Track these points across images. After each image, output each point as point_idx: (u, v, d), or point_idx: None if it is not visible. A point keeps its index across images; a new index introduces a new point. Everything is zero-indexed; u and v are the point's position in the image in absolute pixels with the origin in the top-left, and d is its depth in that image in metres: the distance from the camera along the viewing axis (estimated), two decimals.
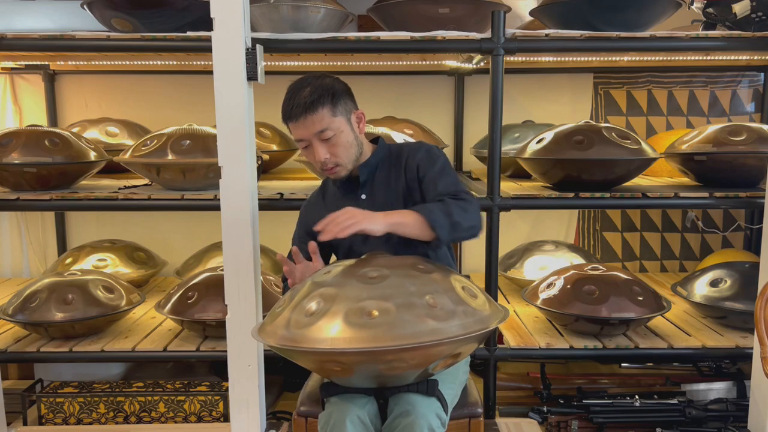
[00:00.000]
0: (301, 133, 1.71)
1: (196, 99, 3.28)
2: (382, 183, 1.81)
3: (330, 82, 1.73)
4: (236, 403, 2.22)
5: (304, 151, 1.77)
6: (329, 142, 1.71)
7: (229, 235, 2.14)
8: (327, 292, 1.47)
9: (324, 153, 1.72)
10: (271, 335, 1.47)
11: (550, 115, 3.34)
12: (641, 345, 2.43)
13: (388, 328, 1.36)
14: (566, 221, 3.48)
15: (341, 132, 1.72)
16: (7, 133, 2.52)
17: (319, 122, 1.68)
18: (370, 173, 1.82)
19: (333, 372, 1.48)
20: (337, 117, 1.71)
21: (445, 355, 1.43)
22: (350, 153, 1.75)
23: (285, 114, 1.73)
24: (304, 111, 1.68)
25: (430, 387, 1.52)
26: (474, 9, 2.50)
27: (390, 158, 1.84)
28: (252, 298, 2.16)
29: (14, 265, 3.50)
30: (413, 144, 1.86)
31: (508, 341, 2.48)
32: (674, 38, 2.37)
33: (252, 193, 2.15)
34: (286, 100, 1.72)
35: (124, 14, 2.39)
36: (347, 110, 1.74)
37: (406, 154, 1.81)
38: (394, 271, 1.50)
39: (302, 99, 1.68)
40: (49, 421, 2.49)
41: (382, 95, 3.40)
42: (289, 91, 1.73)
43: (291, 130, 1.75)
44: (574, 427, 2.47)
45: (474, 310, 1.47)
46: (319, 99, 1.68)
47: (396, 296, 1.42)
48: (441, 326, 1.38)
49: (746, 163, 2.49)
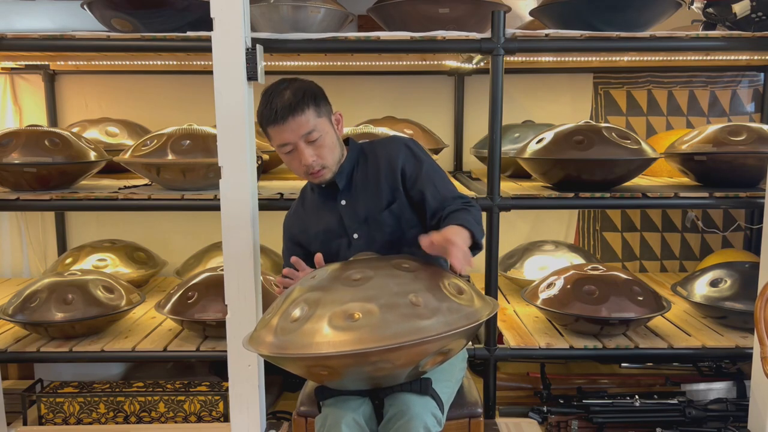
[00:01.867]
0: (287, 137, 1.65)
1: (196, 99, 3.28)
2: (360, 187, 1.77)
3: (308, 84, 1.69)
4: (236, 403, 2.23)
5: (287, 157, 1.70)
6: (315, 144, 1.67)
7: (229, 235, 2.15)
8: (311, 297, 1.46)
9: (311, 155, 1.67)
10: (260, 343, 1.46)
11: (550, 115, 3.34)
12: (641, 345, 2.43)
13: (372, 329, 1.35)
14: (566, 221, 3.48)
15: (326, 133, 1.69)
16: (7, 133, 2.52)
17: (305, 124, 1.64)
18: (347, 178, 1.77)
19: (322, 376, 1.47)
20: (321, 118, 1.68)
21: (432, 353, 1.42)
22: (335, 154, 1.72)
23: (266, 119, 1.66)
24: (290, 113, 1.63)
25: (423, 386, 1.51)
26: (474, 9, 2.50)
27: (364, 158, 1.79)
28: (252, 298, 2.16)
29: (14, 265, 3.50)
30: (387, 141, 1.81)
31: (508, 341, 2.48)
32: (674, 38, 2.37)
33: (252, 193, 2.16)
34: (265, 105, 1.66)
35: (124, 14, 2.39)
36: (328, 111, 1.72)
37: (383, 152, 1.76)
38: (378, 271, 1.50)
39: (285, 101, 1.63)
40: (49, 421, 2.49)
41: (382, 95, 3.40)
42: (266, 96, 1.67)
43: (271, 136, 1.69)
44: (574, 427, 2.47)
45: (459, 306, 1.46)
46: (304, 100, 1.64)
47: (379, 297, 1.41)
48: (424, 324, 1.37)
49: (746, 163, 2.49)
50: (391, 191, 1.73)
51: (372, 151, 1.79)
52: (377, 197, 1.74)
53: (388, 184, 1.73)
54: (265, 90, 1.69)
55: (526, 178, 2.89)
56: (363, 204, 1.75)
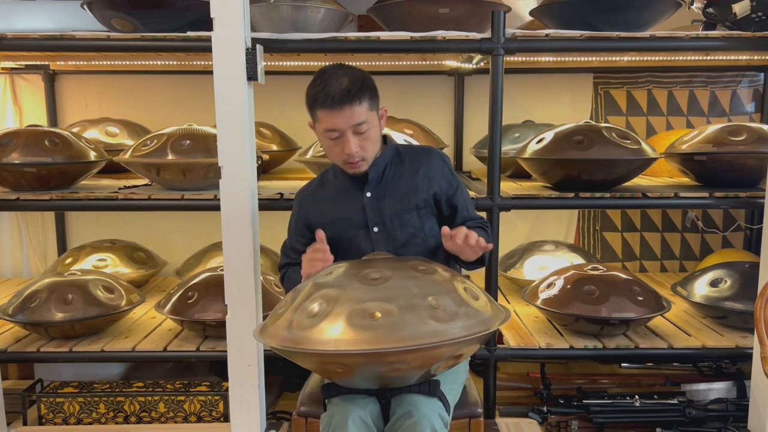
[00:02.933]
0: (337, 123, 1.63)
1: (196, 99, 3.28)
2: (391, 184, 1.79)
3: (365, 75, 1.69)
4: (236, 403, 2.23)
5: (330, 142, 1.68)
6: (362, 136, 1.67)
7: (229, 235, 2.15)
8: (329, 294, 1.46)
9: (356, 146, 1.67)
10: (273, 336, 1.47)
11: (550, 115, 3.34)
12: (641, 345, 2.43)
13: (391, 329, 1.36)
14: (566, 221, 3.47)
15: (374, 126, 1.70)
16: (7, 133, 2.52)
17: (359, 114, 1.64)
18: (379, 172, 1.79)
19: (335, 373, 1.48)
20: (372, 111, 1.69)
21: (447, 357, 1.43)
22: (376, 148, 1.74)
23: (319, 101, 1.63)
24: (347, 101, 1.61)
25: (432, 388, 1.52)
26: (474, 9, 2.50)
27: (399, 159, 1.82)
28: (252, 298, 2.16)
29: (14, 265, 3.50)
30: (426, 150, 1.85)
31: (508, 341, 2.48)
32: (674, 38, 2.37)
33: (252, 193, 2.16)
34: (320, 87, 1.63)
35: (124, 14, 2.39)
36: (378, 105, 1.73)
37: (423, 160, 1.80)
38: (396, 272, 1.51)
39: (343, 88, 1.61)
40: (49, 421, 2.49)
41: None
42: (322, 77, 1.64)
43: (320, 119, 1.66)
44: (574, 427, 2.47)
45: (476, 311, 1.46)
46: (362, 90, 1.64)
47: (398, 298, 1.42)
48: (443, 328, 1.38)
49: (746, 163, 2.49)
50: (423, 197, 1.78)
51: (409, 154, 1.83)
52: (408, 198, 1.77)
53: (422, 189, 1.78)
54: (321, 71, 1.67)
55: (526, 178, 2.89)
56: (390, 201, 1.77)
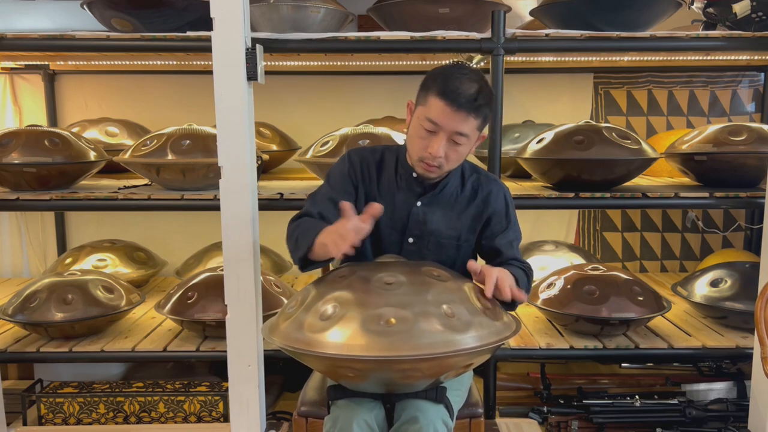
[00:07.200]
0: (445, 121, 1.56)
1: (196, 99, 3.28)
2: (446, 204, 1.73)
3: (492, 92, 1.63)
4: (236, 403, 2.22)
5: (422, 131, 1.60)
6: (454, 146, 1.60)
7: (228, 235, 2.14)
8: (343, 296, 1.44)
9: (442, 151, 1.59)
10: (285, 337, 1.44)
11: (550, 115, 3.34)
12: (641, 345, 2.43)
13: (406, 337, 1.34)
14: (566, 221, 3.47)
15: (468, 144, 1.62)
16: (7, 133, 2.51)
17: (466, 126, 1.57)
18: (440, 187, 1.72)
19: (345, 377, 1.47)
20: (477, 131, 1.62)
21: (459, 366, 1.43)
22: (456, 164, 1.67)
23: (443, 92, 1.55)
24: (467, 108, 1.55)
25: (439, 394, 1.51)
26: (474, 9, 2.50)
27: (462, 182, 1.75)
28: (252, 298, 2.16)
29: (14, 265, 3.50)
30: (492, 180, 1.77)
31: (508, 341, 2.47)
32: (674, 38, 2.37)
33: (252, 193, 2.15)
34: (452, 79, 1.56)
35: (124, 14, 2.39)
36: (483, 128, 1.66)
37: (488, 191, 1.74)
38: (411, 278, 1.49)
39: (471, 94, 1.55)
40: (49, 422, 2.49)
41: (382, 95, 3.39)
42: (458, 69, 1.59)
43: (432, 105, 1.57)
44: (574, 427, 2.47)
45: (489, 321, 1.45)
46: (486, 106, 1.59)
47: (413, 304, 1.40)
48: (458, 337, 1.37)
49: (746, 163, 2.49)
50: (468, 228, 1.73)
51: (473, 178, 1.76)
52: (454, 224, 1.72)
53: (470, 219, 1.73)
54: (461, 65, 1.61)
55: (526, 178, 2.89)
56: (436, 219, 1.72)
